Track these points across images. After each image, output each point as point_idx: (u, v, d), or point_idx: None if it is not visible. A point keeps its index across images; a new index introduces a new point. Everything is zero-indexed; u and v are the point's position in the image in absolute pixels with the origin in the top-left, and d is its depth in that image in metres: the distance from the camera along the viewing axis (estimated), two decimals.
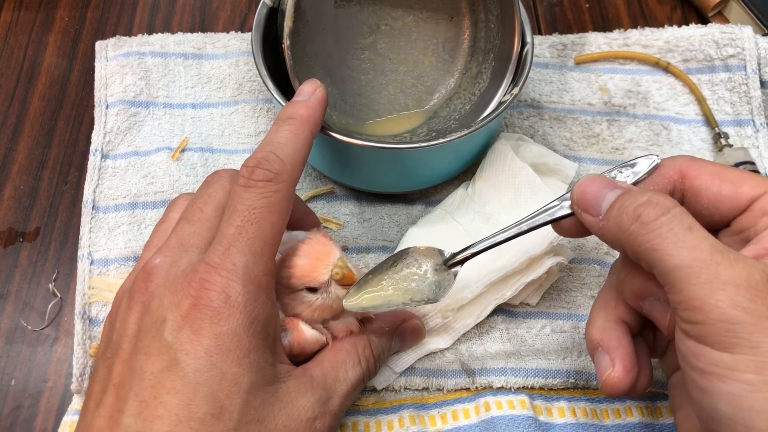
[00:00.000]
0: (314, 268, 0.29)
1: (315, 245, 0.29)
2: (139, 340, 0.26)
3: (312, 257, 0.29)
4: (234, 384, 0.25)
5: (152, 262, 0.27)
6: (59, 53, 0.49)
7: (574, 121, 0.46)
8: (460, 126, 0.42)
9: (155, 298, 0.26)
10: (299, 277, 0.29)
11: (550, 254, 0.37)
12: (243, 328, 0.25)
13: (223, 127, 0.45)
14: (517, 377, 0.36)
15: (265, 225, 0.27)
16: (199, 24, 0.51)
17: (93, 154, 0.43)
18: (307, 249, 0.29)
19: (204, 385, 0.24)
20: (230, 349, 0.25)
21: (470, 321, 0.36)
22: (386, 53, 0.44)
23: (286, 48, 0.34)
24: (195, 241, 0.28)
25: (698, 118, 0.46)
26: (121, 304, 0.28)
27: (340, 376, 0.29)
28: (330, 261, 0.29)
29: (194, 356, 0.25)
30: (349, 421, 0.35)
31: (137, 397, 0.25)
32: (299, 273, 0.29)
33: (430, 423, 0.35)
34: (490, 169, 0.40)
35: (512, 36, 0.39)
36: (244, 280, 0.26)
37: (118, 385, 0.26)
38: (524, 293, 0.37)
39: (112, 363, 0.26)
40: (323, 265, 0.29)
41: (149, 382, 0.25)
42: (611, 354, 0.28)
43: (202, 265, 0.26)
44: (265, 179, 0.28)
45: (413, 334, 0.35)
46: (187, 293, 0.26)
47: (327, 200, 0.42)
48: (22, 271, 0.40)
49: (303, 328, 0.30)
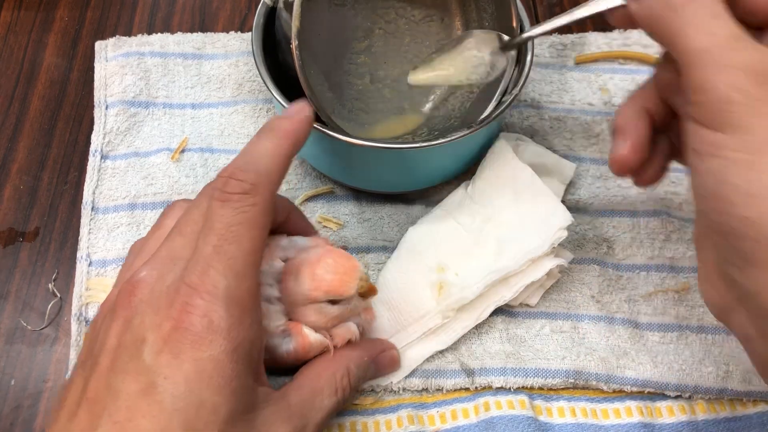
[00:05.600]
0: (343, 283, 0.29)
1: (339, 259, 0.29)
2: (118, 357, 0.25)
3: (339, 272, 0.29)
4: (212, 413, 0.24)
5: (138, 275, 0.27)
6: (59, 53, 0.49)
7: (574, 121, 0.46)
8: (461, 124, 0.42)
9: (137, 315, 0.25)
10: (327, 291, 0.29)
11: (550, 255, 0.37)
12: (226, 354, 0.25)
13: (223, 127, 0.45)
14: (516, 377, 0.36)
15: (244, 242, 0.26)
16: (199, 24, 0.51)
17: (92, 154, 0.43)
18: (332, 263, 0.29)
19: (181, 413, 0.23)
20: (211, 377, 0.24)
21: (470, 322, 0.36)
22: (381, 57, 0.44)
23: (294, 48, 0.34)
24: (186, 255, 0.27)
25: None
26: (105, 315, 0.27)
27: (317, 404, 0.29)
28: (357, 275, 0.29)
29: (173, 381, 0.24)
30: (347, 421, 0.35)
31: (111, 418, 0.24)
32: (327, 287, 0.29)
33: (429, 422, 0.35)
34: (490, 169, 0.40)
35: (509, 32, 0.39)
36: (227, 303, 0.25)
37: (92, 400, 0.25)
38: (524, 294, 0.37)
39: (89, 376, 0.25)
40: (351, 279, 0.29)
41: (124, 402, 0.24)
42: (625, 136, 0.29)
43: (183, 286, 0.25)
44: (240, 191, 0.27)
45: (390, 364, 0.35)
46: (169, 315, 0.25)
47: (327, 200, 0.42)
48: (22, 271, 0.40)
49: (307, 332, 0.30)
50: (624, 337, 0.37)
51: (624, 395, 0.36)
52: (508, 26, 0.39)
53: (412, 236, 0.39)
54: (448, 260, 0.37)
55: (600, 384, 0.36)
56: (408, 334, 0.36)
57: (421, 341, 0.36)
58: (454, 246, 0.38)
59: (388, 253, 0.40)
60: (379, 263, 0.40)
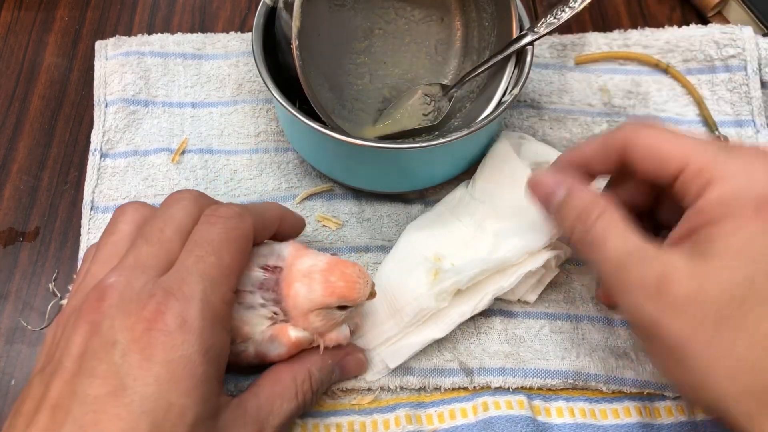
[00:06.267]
0: (356, 289, 0.30)
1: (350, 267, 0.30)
2: (85, 361, 0.24)
3: (352, 279, 0.30)
4: (180, 416, 0.24)
5: (106, 281, 0.26)
6: (59, 53, 0.49)
7: (574, 121, 0.46)
8: (461, 124, 0.42)
9: (106, 319, 0.25)
10: (341, 297, 0.30)
11: (549, 248, 0.37)
12: (198, 355, 0.25)
13: (223, 127, 0.45)
14: (515, 377, 0.36)
15: (224, 256, 0.27)
16: (199, 24, 0.51)
17: (92, 153, 0.43)
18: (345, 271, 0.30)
19: (149, 415, 0.23)
20: (182, 378, 0.24)
21: (466, 309, 0.36)
22: (381, 57, 0.44)
23: (294, 48, 0.34)
24: (153, 263, 0.27)
25: (698, 119, 0.46)
26: (68, 322, 0.27)
27: (275, 409, 0.29)
28: (369, 282, 0.31)
29: (143, 383, 0.24)
30: (344, 420, 0.35)
31: (76, 422, 0.23)
32: (341, 293, 0.30)
33: (427, 422, 0.35)
34: (491, 168, 0.40)
35: (509, 31, 0.39)
36: (201, 306, 0.25)
37: (54, 405, 0.24)
38: (522, 288, 0.37)
39: (51, 381, 0.25)
40: (364, 285, 0.30)
41: (91, 406, 0.23)
42: None
43: (158, 289, 0.25)
44: (228, 216, 0.29)
45: (356, 367, 0.35)
46: (141, 317, 0.25)
47: (326, 199, 0.42)
48: (22, 271, 0.40)
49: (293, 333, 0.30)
50: (623, 338, 0.37)
51: (623, 396, 0.36)
52: (508, 26, 0.39)
53: (410, 231, 0.39)
54: (445, 251, 0.37)
55: (599, 385, 0.36)
56: (402, 317, 0.35)
57: (418, 328, 0.35)
58: (451, 240, 0.38)
59: (387, 252, 0.40)
60: (378, 263, 0.40)
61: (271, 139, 0.45)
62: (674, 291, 0.25)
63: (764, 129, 0.44)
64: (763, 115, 0.45)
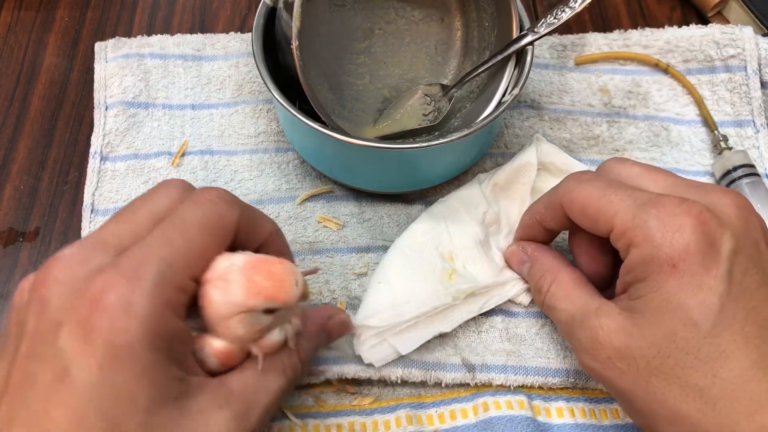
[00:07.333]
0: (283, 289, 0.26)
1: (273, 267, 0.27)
2: (36, 343, 0.24)
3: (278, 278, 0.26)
4: (130, 402, 0.23)
5: (61, 253, 0.25)
6: (59, 53, 0.49)
7: (573, 122, 0.46)
8: (461, 124, 0.42)
9: (54, 296, 0.24)
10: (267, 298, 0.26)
11: None
12: (143, 341, 0.23)
13: (223, 128, 0.45)
14: (517, 375, 0.36)
15: (194, 242, 0.25)
16: (199, 24, 0.51)
17: (92, 156, 0.43)
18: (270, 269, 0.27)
19: (96, 401, 0.22)
20: (126, 363, 0.23)
21: (475, 308, 0.36)
22: (381, 57, 0.44)
23: (294, 48, 0.34)
24: (114, 242, 0.25)
25: (698, 118, 0.46)
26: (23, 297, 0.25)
27: (262, 386, 0.27)
28: (298, 280, 0.27)
29: (87, 369, 0.22)
30: (345, 421, 0.35)
31: (29, 409, 0.22)
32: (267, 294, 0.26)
33: (427, 422, 0.35)
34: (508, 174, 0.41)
35: (509, 31, 0.39)
36: (152, 290, 0.23)
37: (12, 391, 0.23)
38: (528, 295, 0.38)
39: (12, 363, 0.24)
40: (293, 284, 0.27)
41: (42, 393, 0.22)
42: None
43: (110, 268, 0.24)
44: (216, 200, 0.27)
45: (341, 327, 0.33)
46: (86, 297, 0.23)
47: (326, 200, 0.42)
48: (22, 271, 0.40)
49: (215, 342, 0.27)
50: None
51: None
52: (508, 26, 0.39)
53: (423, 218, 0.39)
54: (457, 251, 0.38)
55: (599, 384, 0.36)
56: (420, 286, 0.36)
57: (426, 320, 0.35)
58: (464, 239, 0.38)
59: None
60: (379, 263, 0.39)
61: (271, 139, 0.45)
62: (605, 349, 0.29)
63: (764, 129, 0.44)
64: (763, 115, 0.45)
